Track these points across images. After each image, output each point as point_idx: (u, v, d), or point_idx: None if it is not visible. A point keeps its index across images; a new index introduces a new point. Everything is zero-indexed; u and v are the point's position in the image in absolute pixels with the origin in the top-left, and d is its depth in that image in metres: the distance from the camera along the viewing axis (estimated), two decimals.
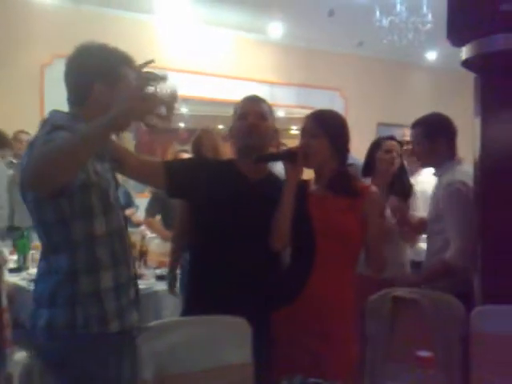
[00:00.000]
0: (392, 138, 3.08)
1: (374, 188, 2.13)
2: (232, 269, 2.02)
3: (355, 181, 2.12)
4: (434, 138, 2.59)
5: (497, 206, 2.11)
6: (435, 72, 8.25)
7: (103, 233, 1.63)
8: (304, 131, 2.07)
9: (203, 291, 2.07)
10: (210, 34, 6.82)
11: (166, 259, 3.57)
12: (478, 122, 2.18)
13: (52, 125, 1.55)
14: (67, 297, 1.59)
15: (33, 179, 1.40)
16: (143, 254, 3.84)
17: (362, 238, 2.03)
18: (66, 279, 1.59)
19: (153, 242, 4.18)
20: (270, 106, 2.16)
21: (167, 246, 3.64)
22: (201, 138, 3.20)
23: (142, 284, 2.05)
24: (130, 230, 2.35)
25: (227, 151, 3.00)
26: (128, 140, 6.38)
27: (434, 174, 2.65)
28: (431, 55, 8.00)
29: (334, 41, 7.02)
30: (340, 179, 2.06)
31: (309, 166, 2.05)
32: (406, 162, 3.21)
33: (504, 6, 1.82)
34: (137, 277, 1.86)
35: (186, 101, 7.72)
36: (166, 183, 2.05)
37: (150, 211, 4.14)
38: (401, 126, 6.47)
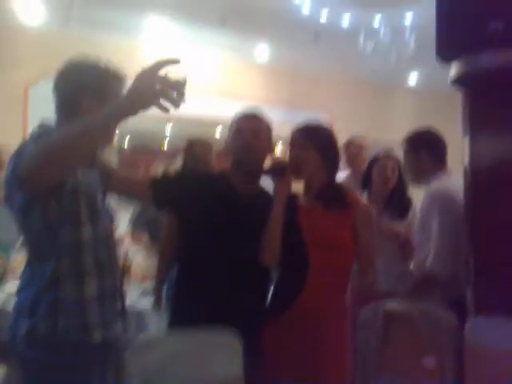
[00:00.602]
0: (389, 154, 3.10)
1: (364, 200, 2.14)
2: (222, 282, 2.00)
3: (346, 192, 2.12)
4: (418, 151, 2.66)
5: (487, 221, 2.11)
6: (417, 94, 8.36)
7: (89, 240, 1.60)
8: (292, 144, 2.07)
9: (192, 304, 2.05)
10: (196, 56, 6.85)
11: (151, 274, 3.57)
12: (466, 140, 2.19)
13: (43, 130, 1.54)
14: (49, 303, 1.55)
15: (31, 173, 1.38)
16: (127, 270, 3.77)
17: (354, 248, 2.03)
18: (49, 285, 1.56)
19: (137, 256, 4.06)
20: (267, 124, 2.15)
21: (152, 260, 3.63)
22: (193, 146, 3.17)
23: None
24: None
25: (218, 162, 3.00)
26: (111, 160, 6.34)
27: (423, 187, 2.68)
28: (413, 78, 8.13)
29: (319, 64, 7.10)
30: (330, 191, 2.06)
31: (299, 178, 2.05)
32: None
33: (492, 23, 1.86)
34: (123, 288, 1.84)
35: (171, 121, 7.74)
36: (153, 194, 2.02)
37: (136, 223, 4.08)
38: None
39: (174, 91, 1.48)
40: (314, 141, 2.05)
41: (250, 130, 2.08)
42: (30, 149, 1.43)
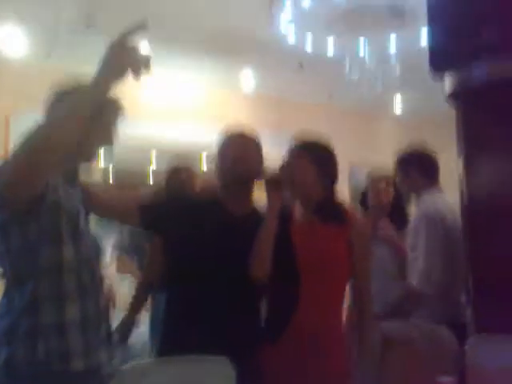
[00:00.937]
0: (382, 171, 3.07)
1: (360, 216, 2.10)
2: (214, 306, 1.92)
3: (343, 207, 2.07)
4: (407, 168, 2.65)
5: (485, 242, 2.07)
6: (401, 121, 8.45)
7: (71, 260, 1.53)
8: (288, 156, 2.03)
9: (183, 330, 1.97)
10: (182, 82, 6.85)
11: None
12: (461, 161, 2.15)
13: None
14: (28, 328, 1.47)
15: (14, 179, 1.34)
16: (112, 299, 3.67)
17: (349, 265, 1.97)
18: (28, 309, 1.48)
19: (122, 283, 4.03)
20: (256, 140, 2.11)
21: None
22: (176, 172, 3.10)
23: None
24: None
25: (204, 186, 2.94)
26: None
27: (414, 204, 2.67)
28: (397, 105, 8.22)
29: (304, 92, 7.14)
30: (328, 205, 2.00)
31: (293, 192, 1.99)
32: None
33: (486, 34, 1.84)
34: (108, 313, 1.76)
35: (156, 155, 7.70)
36: (141, 217, 1.95)
37: (124, 249, 3.98)
38: None
39: (141, 64, 1.51)
40: (311, 153, 2.01)
41: (238, 147, 2.04)
42: (11, 157, 1.37)
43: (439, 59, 2.02)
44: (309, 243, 1.95)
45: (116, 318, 3.44)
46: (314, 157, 2.01)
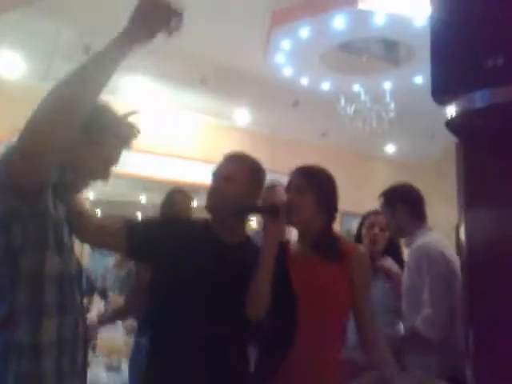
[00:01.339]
0: (377, 211, 3.01)
1: (361, 248, 2.01)
2: (204, 342, 1.76)
3: (342, 242, 1.96)
4: (394, 205, 2.58)
5: (485, 296, 1.98)
6: (393, 165, 8.48)
7: (53, 272, 1.43)
8: (289, 186, 1.93)
9: (169, 371, 1.80)
10: (175, 117, 6.86)
11: (117, 348, 3.42)
12: (462, 199, 2.05)
13: None
14: (1, 345, 1.35)
15: (36, 150, 1.29)
16: (92, 339, 3.52)
17: (349, 304, 1.86)
18: (4, 323, 1.36)
19: (103, 329, 3.87)
20: (251, 166, 1.97)
21: (119, 335, 3.47)
22: (172, 196, 3.02)
23: (88, 373, 1.80)
24: None
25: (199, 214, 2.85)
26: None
27: (405, 244, 2.59)
28: (390, 148, 8.26)
29: (298, 130, 7.18)
30: (327, 240, 1.89)
31: (293, 223, 1.87)
32: None
33: (489, 62, 1.80)
34: (87, 340, 1.62)
35: (147, 188, 7.64)
36: (127, 243, 1.83)
37: (120, 288, 3.86)
38: None
39: (173, 19, 1.40)
40: (313, 184, 1.90)
41: (220, 174, 1.90)
42: (24, 130, 1.30)
43: (441, 88, 1.98)
44: (307, 280, 1.82)
45: (96, 362, 3.33)
46: (315, 186, 1.90)
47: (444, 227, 3.71)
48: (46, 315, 1.40)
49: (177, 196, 3.00)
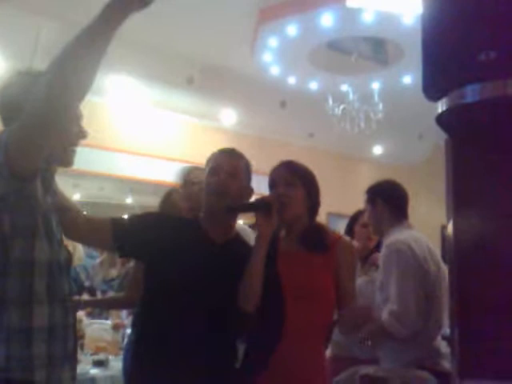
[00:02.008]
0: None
1: (346, 238, 1.98)
2: (193, 339, 1.76)
3: (327, 233, 1.94)
4: (374, 201, 2.57)
5: (473, 293, 1.94)
6: (381, 166, 8.49)
7: (43, 259, 1.43)
8: (277, 180, 1.89)
9: (157, 364, 1.78)
10: (162, 118, 6.79)
11: (104, 345, 3.42)
12: (450, 196, 2.02)
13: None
14: None
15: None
16: (79, 339, 3.51)
17: (334, 296, 1.84)
18: None
19: (90, 327, 3.88)
20: (247, 163, 1.97)
21: (106, 332, 3.47)
22: (171, 194, 2.97)
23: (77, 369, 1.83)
24: None
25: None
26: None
27: (383, 241, 2.55)
28: (377, 150, 8.25)
29: (285, 130, 7.13)
30: (314, 234, 1.87)
31: (284, 219, 1.84)
32: None
33: (480, 56, 1.75)
34: (76, 328, 1.60)
35: (134, 189, 7.57)
36: (115, 240, 1.81)
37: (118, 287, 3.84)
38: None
39: None
40: (301, 177, 1.89)
41: (228, 169, 1.87)
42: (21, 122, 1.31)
43: (433, 83, 1.93)
44: (294, 274, 1.81)
45: (84, 358, 3.32)
46: (303, 181, 1.89)
47: (432, 227, 3.69)
48: (36, 303, 1.41)
49: (175, 196, 2.94)
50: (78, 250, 5.23)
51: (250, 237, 2.14)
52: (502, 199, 1.91)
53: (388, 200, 2.55)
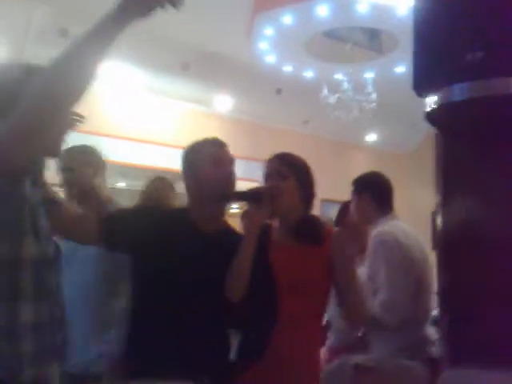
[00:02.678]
0: None
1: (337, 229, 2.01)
2: (184, 331, 1.76)
3: (321, 226, 1.97)
4: (360, 193, 2.60)
5: (461, 280, 1.99)
6: (374, 153, 8.53)
7: (30, 256, 1.40)
8: (270, 172, 1.92)
9: (149, 355, 1.78)
10: (157, 104, 6.79)
11: None
12: (439, 189, 2.06)
13: None
14: None
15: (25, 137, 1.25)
16: None
17: (329, 288, 1.87)
18: None
19: None
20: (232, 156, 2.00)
21: None
22: (153, 183, 2.98)
23: None
24: None
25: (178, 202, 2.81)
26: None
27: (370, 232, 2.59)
28: (371, 137, 8.29)
29: (280, 117, 7.16)
30: (308, 226, 1.90)
31: (276, 210, 1.86)
32: None
33: (469, 56, 1.79)
34: (65, 322, 1.56)
35: (125, 174, 7.56)
36: (101, 235, 1.81)
37: None
38: None
39: None
40: (294, 169, 1.90)
41: (231, 161, 1.92)
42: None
43: (422, 80, 1.97)
44: (287, 264, 1.83)
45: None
46: (296, 172, 1.90)
47: (424, 213, 3.73)
48: (22, 299, 1.38)
49: (157, 184, 2.95)
50: None
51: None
52: (488, 189, 1.97)
53: (374, 192, 2.59)
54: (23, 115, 1.26)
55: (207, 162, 1.89)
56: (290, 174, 1.88)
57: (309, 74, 5.86)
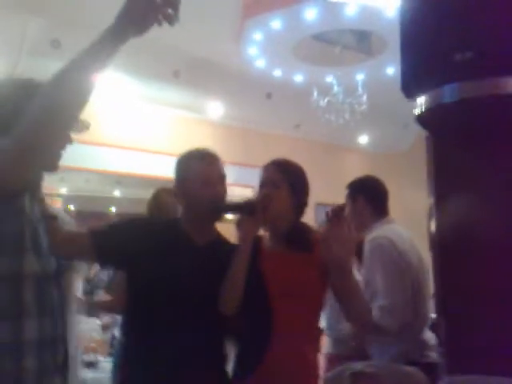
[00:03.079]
0: None
1: None
2: (177, 344, 1.76)
3: (311, 233, 1.95)
4: (355, 197, 2.58)
5: (456, 283, 1.97)
6: (367, 155, 8.54)
7: (31, 273, 1.40)
8: (265, 181, 1.91)
9: (147, 368, 1.78)
10: (148, 112, 6.77)
11: (94, 345, 3.41)
12: (431, 186, 2.05)
13: None
14: None
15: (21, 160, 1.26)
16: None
17: (322, 294, 1.87)
18: None
19: (79, 326, 3.82)
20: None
21: (95, 332, 3.39)
22: (158, 195, 2.95)
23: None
24: None
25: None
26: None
27: (365, 237, 2.57)
28: (363, 139, 8.30)
29: (271, 122, 7.16)
30: (298, 234, 1.89)
31: (265, 219, 1.84)
32: None
33: (458, 56, 1.78)
34: (66, 337, 1.58)
35: (120, 182, 7.54)
36: (96, 251, 1.80)
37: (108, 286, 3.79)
38: None
39: (169, 7, 1.32)
40: (288, 178, 1.88)
41: (222, 178, 1.90)
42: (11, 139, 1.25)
43: (411, 82, 1.96)
44: (279, 273, 1.82)
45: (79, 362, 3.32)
46: (291, 182, 1.89)
47: (418, 214, 3.73)
48: (26, 316, 1.38)
49: (163, 195, 2.92)
50: None
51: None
52: (480, 190, 1.96)
53: (369, 197, 2.57)
54: (25, 135, 1.27)
55: (196, 181, 1.87)
56: (283, 182, 1.87)
57: (299, 77, 5.86)
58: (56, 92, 1.27)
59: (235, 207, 1.89)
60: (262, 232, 1.97)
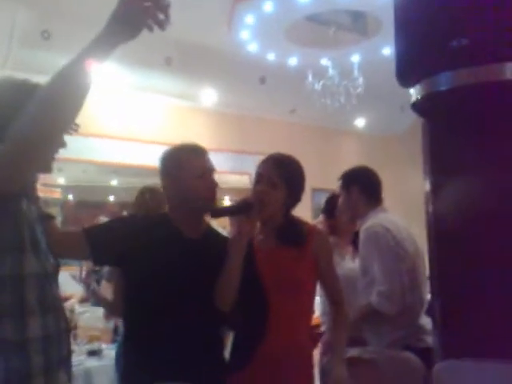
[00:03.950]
0: None
1: (320, 227, 2.02)
2: (173, 336, 1.78)
3: (302, 225, 1.97)
4: (348, 187, 2.59)
5: (452, 266, 1.95)
6: (364, 138, 8.49)
7: (32, 273, 1.43)
8: (262, 178, 1.89)
9: (145, 363, 1.80)
10: (142, 101, 6.69)
11: (97, 333, 3.49)
12: (427, 172, 2.03)
13: None
14: None
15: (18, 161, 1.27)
16: (72, 329, 3.52)
17: (315, 285, 1.91)
18: None
19: (82, 316, 3.92)
20: None
21: (98, 321, 3.48)
22: (143, 194, 2.95)
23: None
24: None
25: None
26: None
27: (359, 226, 2.58)
28: (360, 122, 8.24)
29: (266, 107, 7.08)
30: (289, 228, 1.91)
31: (262, 219, 1.88)
32: None
33: (453, 43, 1.73)
34: (69, 331, 1.62)
35: (117, 172, 7.52)
36: (90, 251, 1.81)
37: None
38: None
39: (160, 11, 1.34)
40: (285, 176, 1.88)
41: (213, 172, 1.92)
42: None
43: (406, 69, 1.91)
44: (274, 268, 1.85)
45: (78, 348, 3.38)
46: (288, 181, 1.89)
47: (416, 196, 3.69)
48: (29, 315, 1.41)
49: (147, 196, 2.93)
50: None
51: None
52: (475, 177, 1.94)
53: (363, 187, 2.57)
54: (21, 138, 1.27)
55: (189, 173, 1.87)
56: (280, 181, 1.88)
57: (293, 60, 5.78)
58: (52, 96, 1.29)
59: (234, 210, 1.88)
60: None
